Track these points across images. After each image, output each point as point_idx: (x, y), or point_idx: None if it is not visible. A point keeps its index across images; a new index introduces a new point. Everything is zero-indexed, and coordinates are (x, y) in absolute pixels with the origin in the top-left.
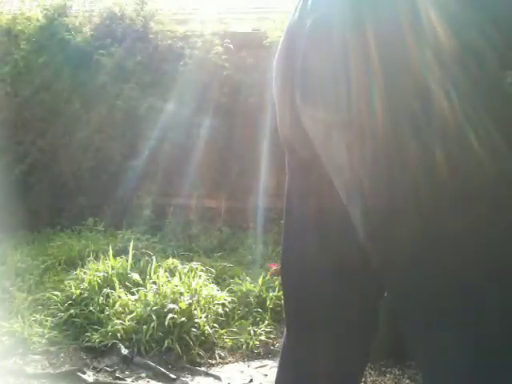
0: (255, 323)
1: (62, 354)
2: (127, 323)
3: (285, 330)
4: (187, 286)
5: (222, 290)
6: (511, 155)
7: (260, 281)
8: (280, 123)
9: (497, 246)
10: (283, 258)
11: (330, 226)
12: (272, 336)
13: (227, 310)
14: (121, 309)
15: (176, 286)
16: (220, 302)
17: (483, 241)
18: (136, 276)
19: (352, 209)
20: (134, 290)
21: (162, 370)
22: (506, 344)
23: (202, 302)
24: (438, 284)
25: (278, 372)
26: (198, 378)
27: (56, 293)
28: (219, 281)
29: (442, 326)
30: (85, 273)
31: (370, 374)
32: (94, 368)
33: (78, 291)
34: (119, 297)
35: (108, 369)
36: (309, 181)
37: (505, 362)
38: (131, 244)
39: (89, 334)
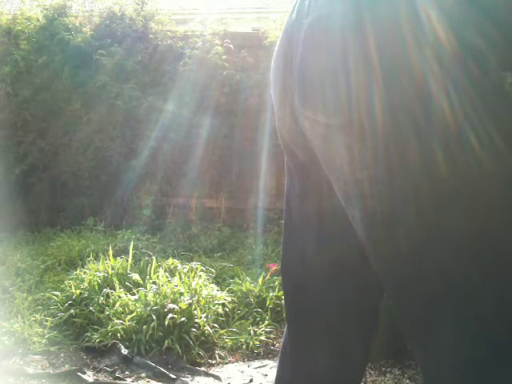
0: (255, 323)
1: (62, 354)
2: (127, 323)
3: (285, 329)
4: (187, 285)
5: (221, 290)
6: (511, 155)
7: (260, 281)
8: (279, 126)
9: (496, 246)
10: (283, 258)
11: (329, 227)
12: (272, 336)
13: (227, 309)
14: (121, 309)
15: (176, 286)
16: (220, 302)
17: (483, 240)
18: (136, 276)
19: (351, 210)
20: (134, 290)
21: (162, 370)
22: (505, 342)
23: (202, 302)
24: (437, 283)
25: (277, 371)
26: (197, 378)
27: (56, 293)
28: (219, 281)
29: (442, 325)
30: (85, 273)
31: (369, 373)
32: (94, 368)
33: (78, 291)
34: (119, 297)
35: (108, 369)
36: (308, 183)
37: (505, 359)
38: (131, 244)
39: (89, 334)
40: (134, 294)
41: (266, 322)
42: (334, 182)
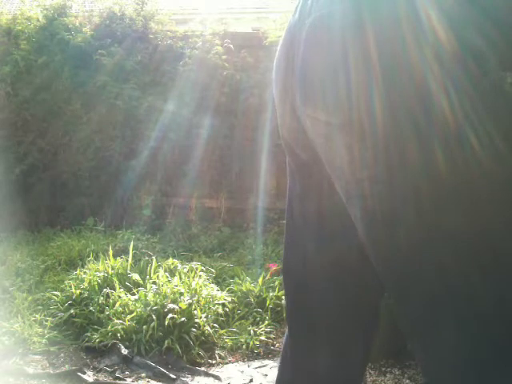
0: (255, 323)
1: (62, 354)
2: (127, 323)
3: (286, 329)
4: (187, 285)
5: (221, 290)
6: (510, 155)
7: (260, 281)
8: (281, 126)
9: (496, 245)
10: (284, 258)
11: (330, 226)
12: (272, 336)
13: (227, 309)
14: (121, 309)
15: (176, 286)
16: (220, 302)
17: (483, 240)
18: (136, 276)
19: (352, 209)
20: (134, 290)
21: (162, 370)
22: (505, 342)
23: (202, 302)
24: (437, 283)
25: (278, 372)
26: (197, 378)
27: (56, 293)
28: (219, 281)
29: (442, 325)
30: (85, 273)
31: (370, 373)
32: (94, 368)
33: (78, 291)
34: (119, 297)
35: (108, 369)
36: (309, 182)
37: (505, 359)
38: (131, 244)
39: (89, 333)
40: (134, 294)
41: (266, 321)
42: (335, 181)
